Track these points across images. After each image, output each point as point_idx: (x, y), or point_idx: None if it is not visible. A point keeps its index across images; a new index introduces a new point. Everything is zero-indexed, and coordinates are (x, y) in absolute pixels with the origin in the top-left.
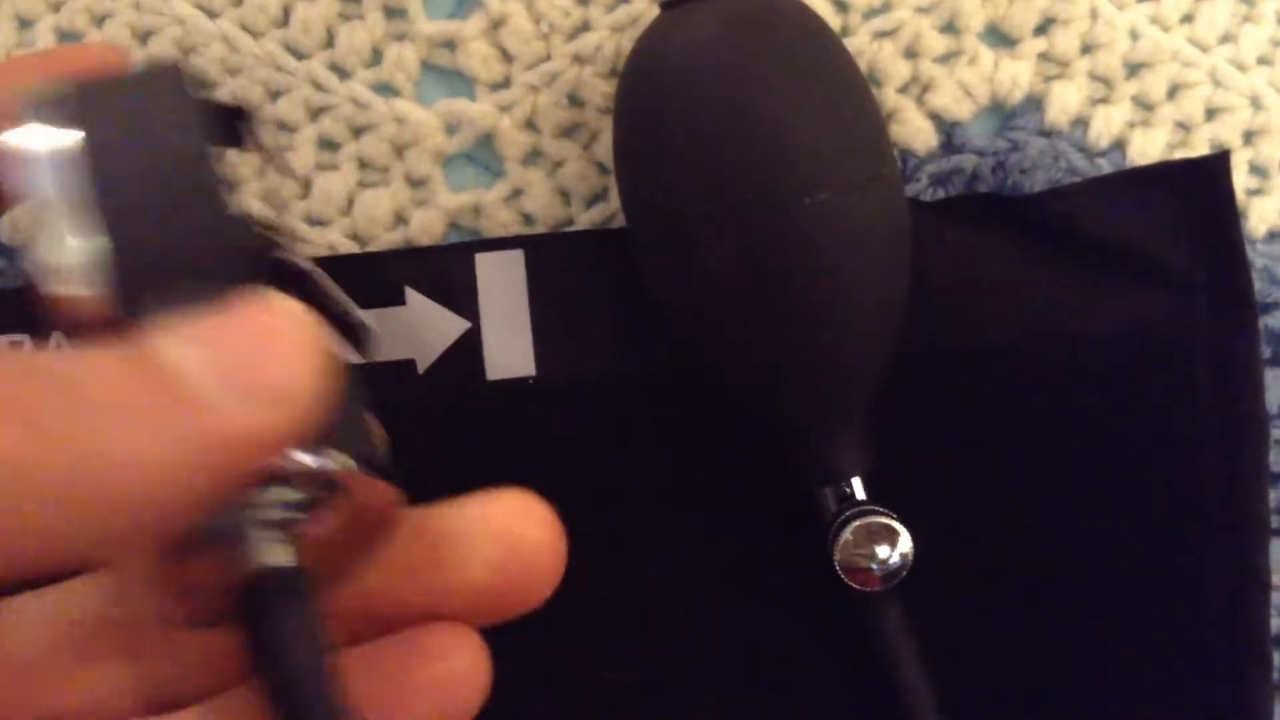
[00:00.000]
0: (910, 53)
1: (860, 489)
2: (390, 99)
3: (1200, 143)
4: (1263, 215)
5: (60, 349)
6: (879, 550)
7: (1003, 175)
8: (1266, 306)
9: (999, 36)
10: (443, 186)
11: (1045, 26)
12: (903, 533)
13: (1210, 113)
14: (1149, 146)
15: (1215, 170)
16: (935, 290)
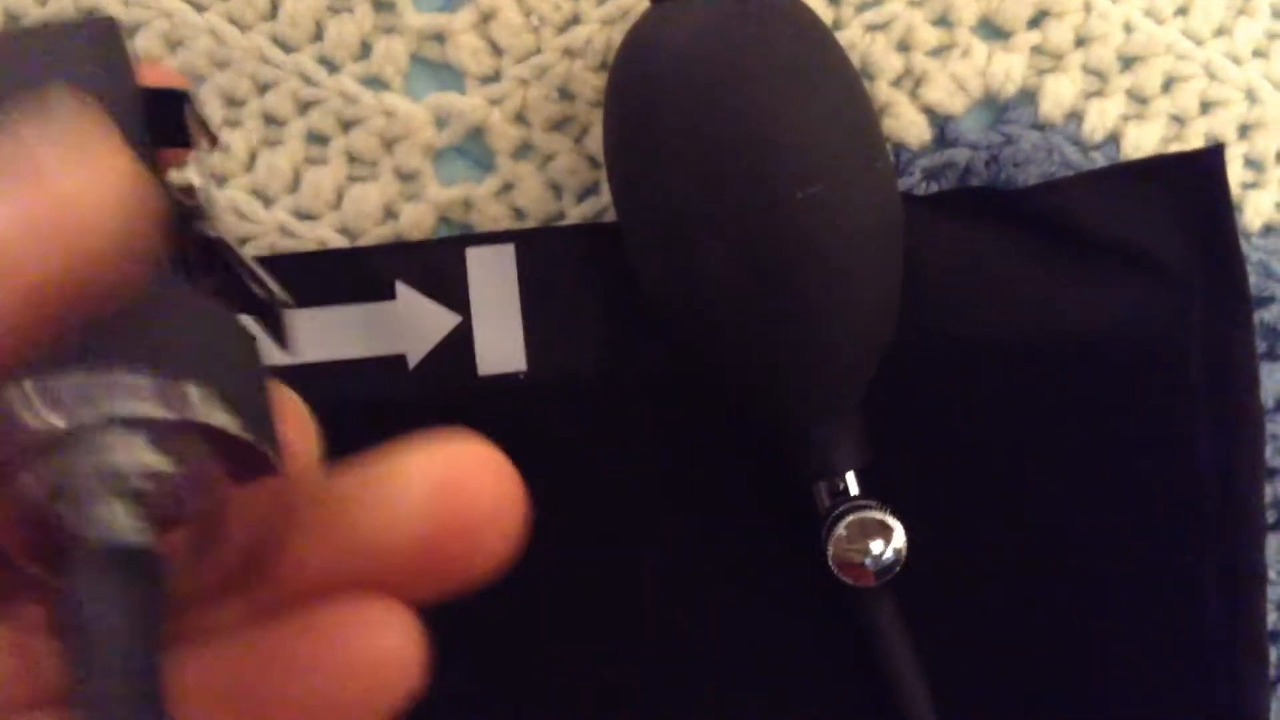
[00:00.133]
0: (903, 46)
1: (854, 484)
2: (379, 92)
3: (1195, 136)
4: (1258, 209)
5: None
6: (872, 545)
7: (996, 169)
8: (1261, 300)
9: (992, 29)
10: (433, 180)
11: (1039, 19)
12: (896, 527)
13: (1205, 106)
14: (1143, 140)
15: (1210, 164)
16: (929, 285)
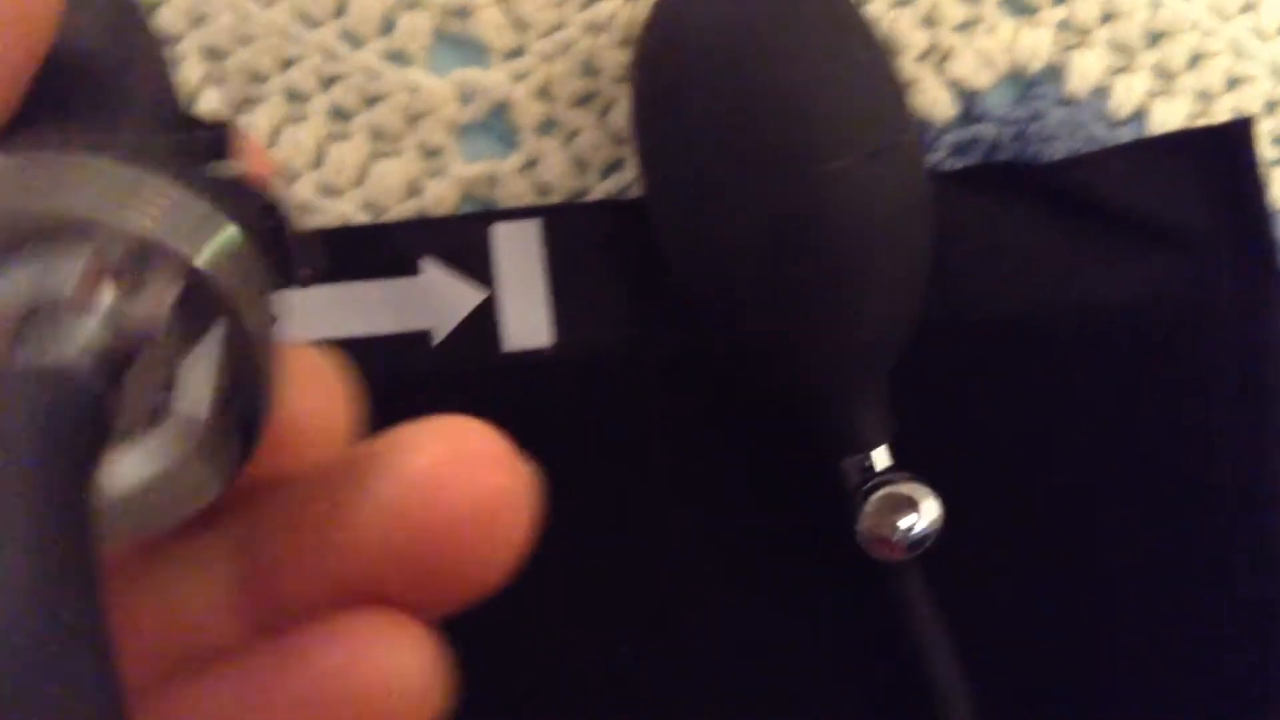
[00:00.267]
0: (929, 21)
1: (882, 459)
2: (403, 68)
3: (1221, 113)
4: None
5: None
6: (903, 519)
7: (1023, 145)
8: None
9: (1018, 5)
10: (456, 157)
11: None
12: (929, 501)
13: (1231, 82)
14: (1169, 116)
15: (1237, 137)
16: (955, 260)
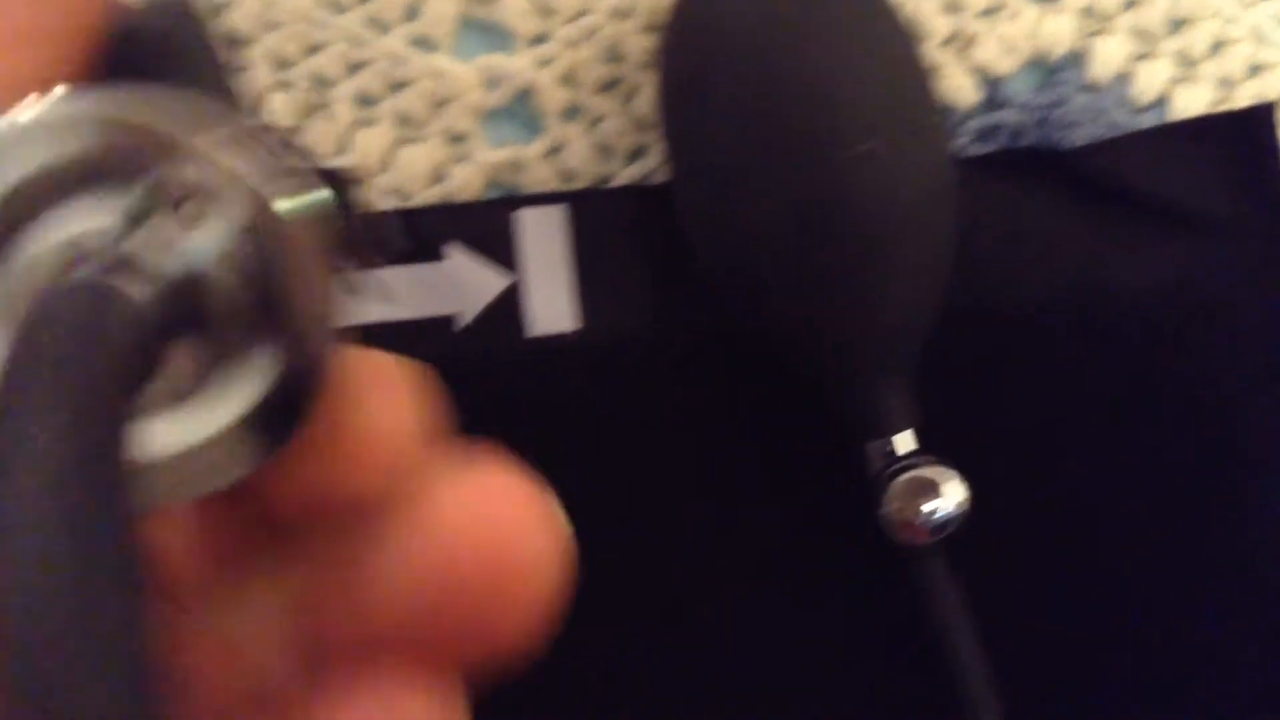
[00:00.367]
0: (952, 7)
1: (906, 444)
2: (428, 54)
3: (1243, 100)
4: None
5: None
6: (928, 503)
7: (1045, 131)
8: None
9: None
10: (482, 142)
11: None
12: (955, 483)
13: (1253, 69)
14: (1191, 103)
15: (1259, 122)
16: (977, 246)
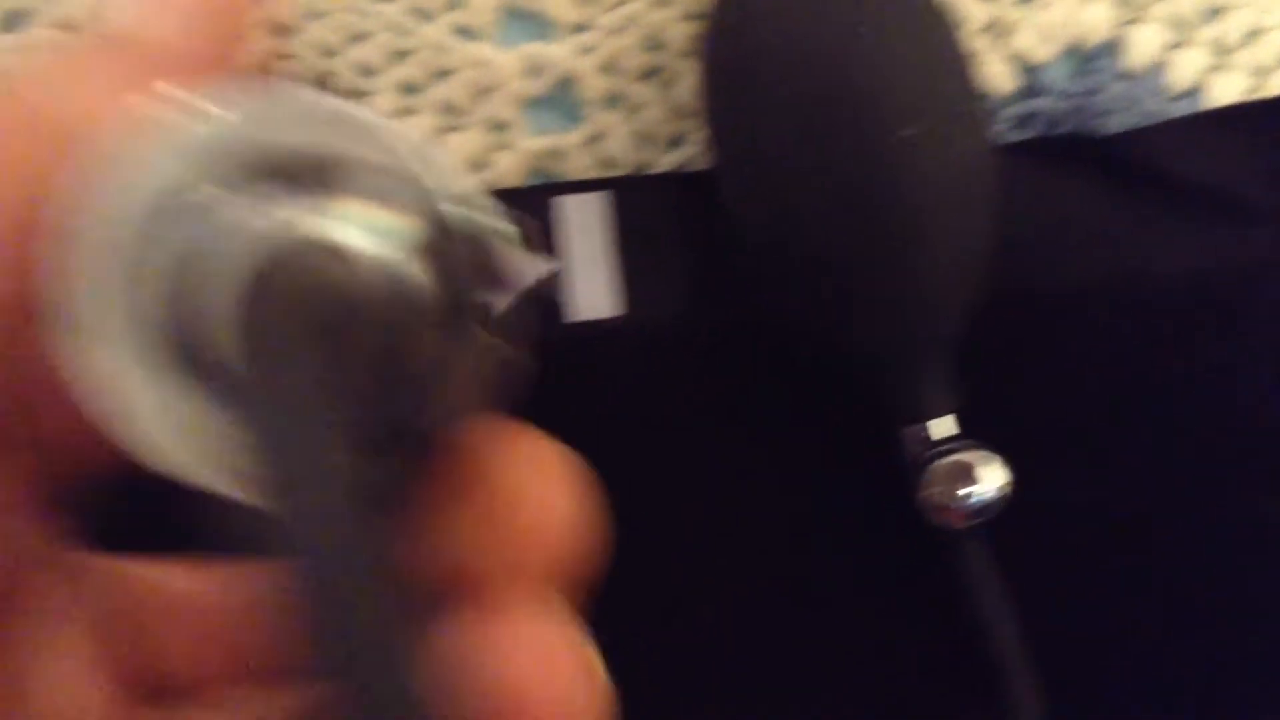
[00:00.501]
0: None
1: (945, 429)
2: (471, 43)
3: (1277, 88)
4: None
5: None
6: (967, 487)
7: (1082, 118)
8: None
9: None
10: (523, 130)
11: None
12: (996, 467)
13: None
14: (1226, 91)
15: None
16: (1015, 232)
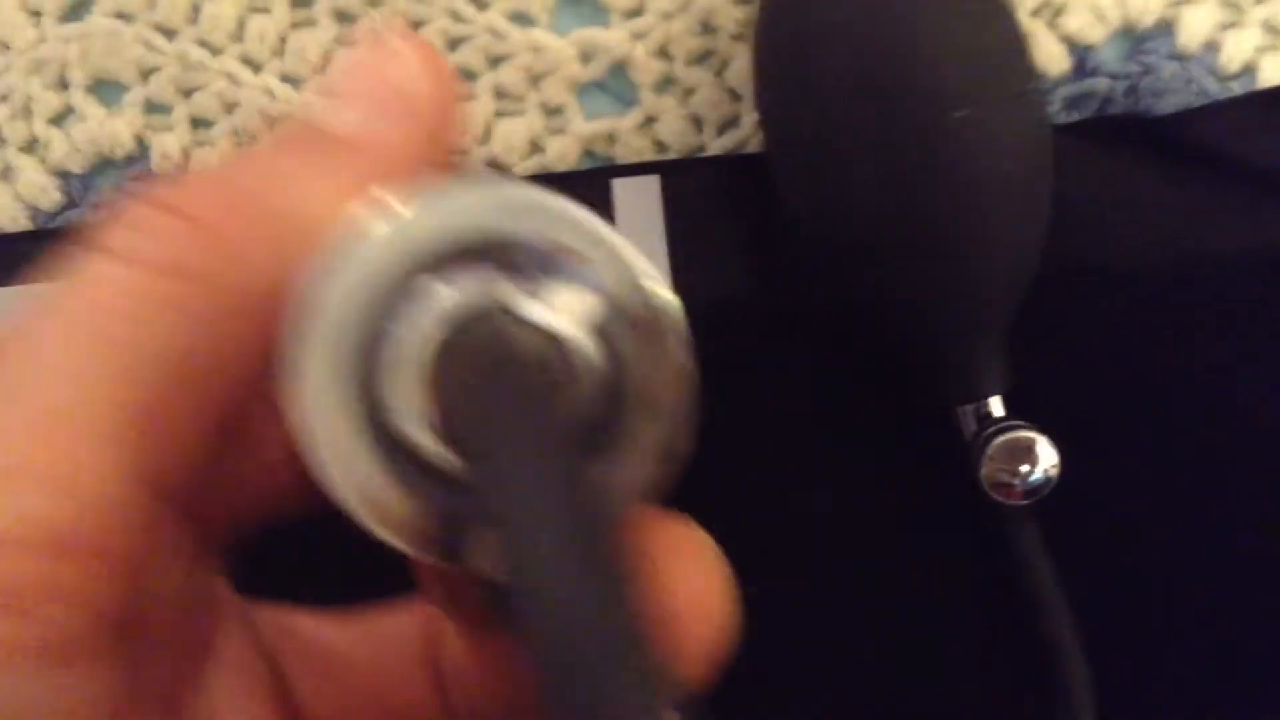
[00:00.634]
0: None
1: (1000, 407)
2: (526, 28)
3: None
4: None
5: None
6: (1023, 466)
7: (1134, 99)
8: None
9: None
10: (577, 114)
11: None
12: (1047, 449)
13: None
14: (1278, 71)
15: None
16: (1068, 213)
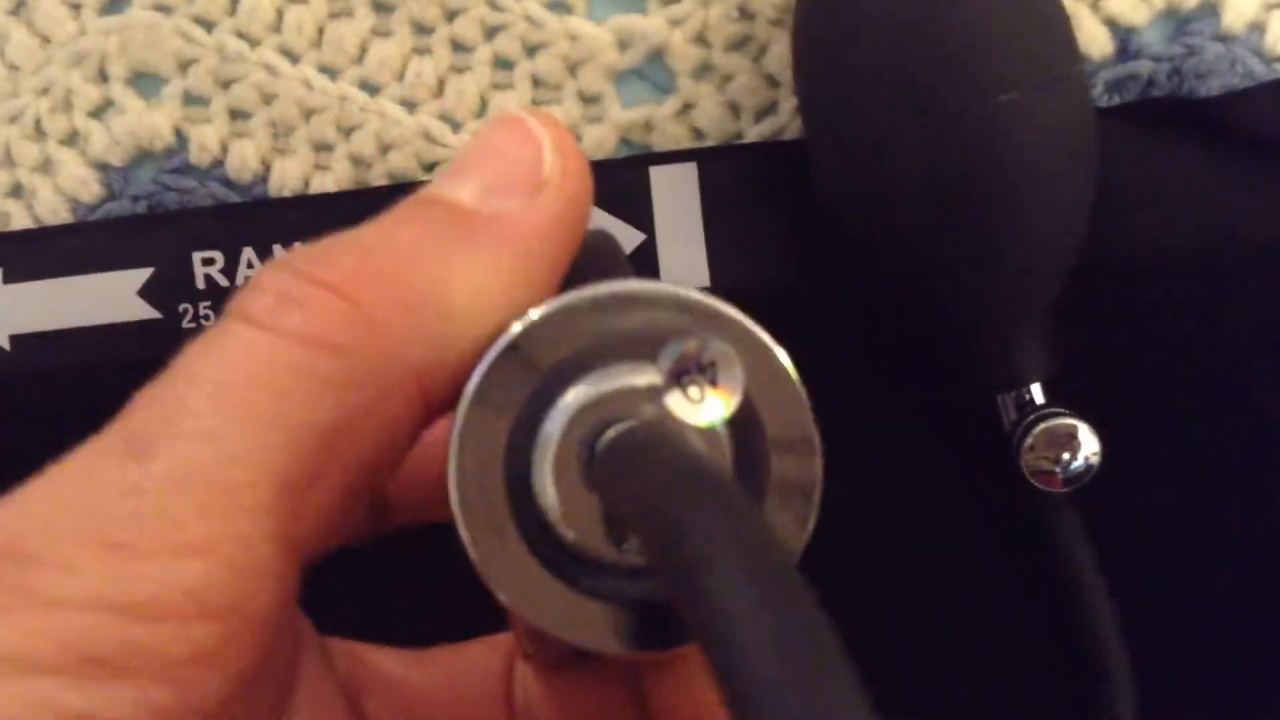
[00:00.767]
0: None
1: (1040, 394)
2: (563, 16)
3: None
4: None
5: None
6: (1064, 454)
7: (1179, 81)
8: None
9: None
10: (614, 102)
11: None
12: (1088, 434)
13: None
14: None
15: None
16: (1111, 196)
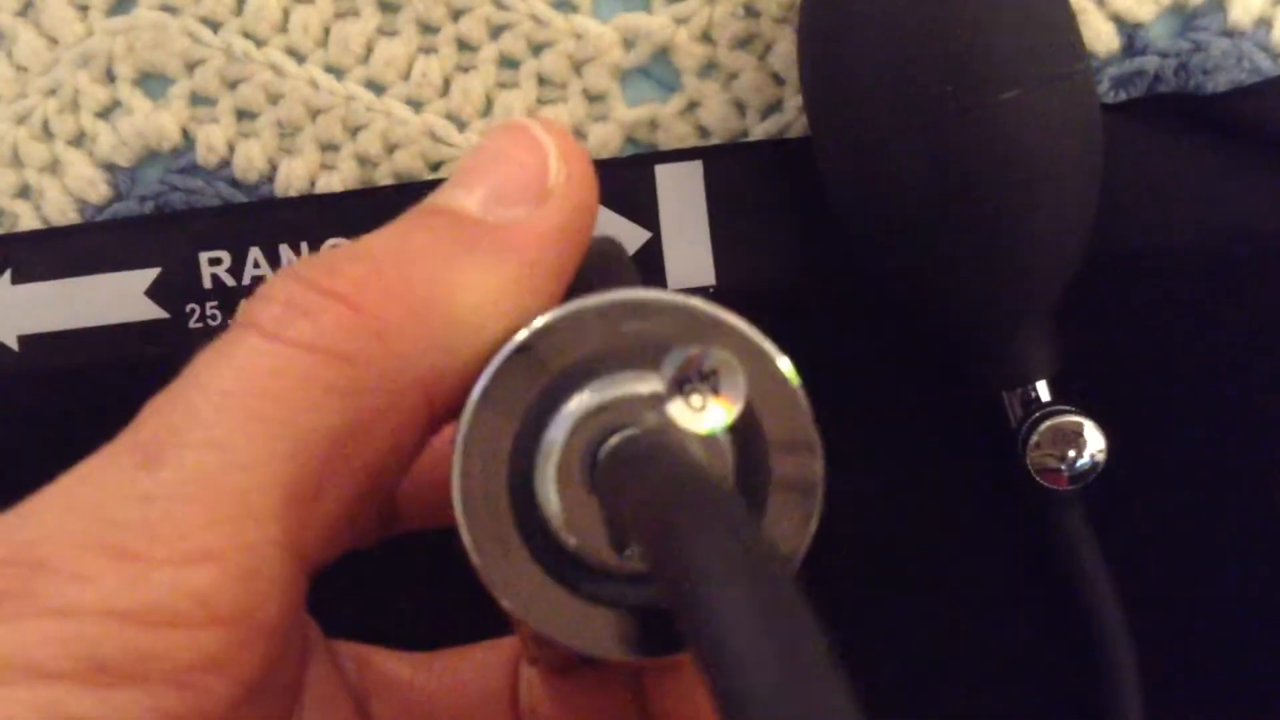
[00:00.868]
0: None
1: (1045, 393)
2: (569, 15)
3: None
4: None
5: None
6: (1070, 451)
7: (1185, 77)
8: None
9: None
10: (619, 101)
11: None
12: (1094, 433)
13: None
14: None
15: None
16: (1117, 192)
